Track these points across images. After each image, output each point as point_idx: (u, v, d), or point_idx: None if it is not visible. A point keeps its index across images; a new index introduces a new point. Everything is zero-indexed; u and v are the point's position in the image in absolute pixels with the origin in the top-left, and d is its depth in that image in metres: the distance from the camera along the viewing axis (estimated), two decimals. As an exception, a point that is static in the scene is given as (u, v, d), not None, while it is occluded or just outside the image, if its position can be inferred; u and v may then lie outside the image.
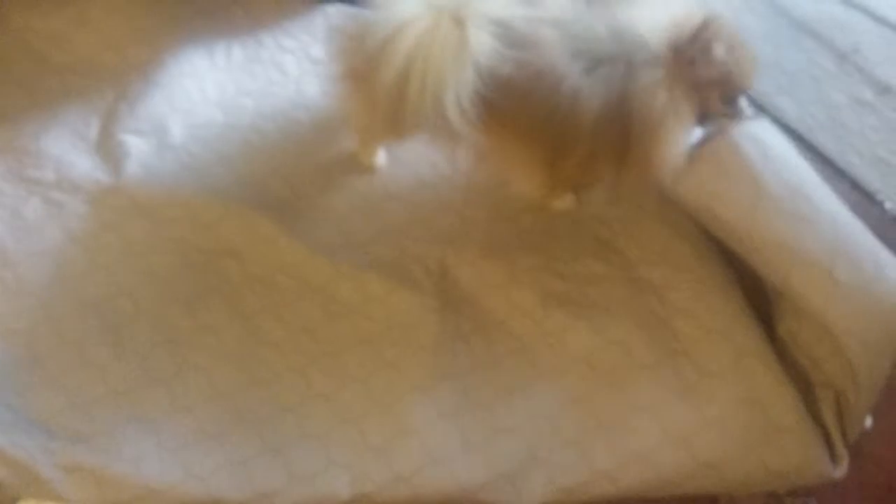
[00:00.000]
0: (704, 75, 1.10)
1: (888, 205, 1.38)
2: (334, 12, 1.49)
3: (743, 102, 1.18)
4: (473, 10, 1.04)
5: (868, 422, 1.19)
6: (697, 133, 1.19)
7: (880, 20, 1.54)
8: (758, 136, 1.18)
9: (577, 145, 1.13)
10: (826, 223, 1.13)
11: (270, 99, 1.42)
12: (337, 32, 1.33)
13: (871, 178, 1.41)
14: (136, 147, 1.36)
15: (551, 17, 1.10)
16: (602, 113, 1.09)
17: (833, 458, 1.15)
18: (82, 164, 1.36)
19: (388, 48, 1.03)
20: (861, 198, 1.39)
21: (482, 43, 1.04)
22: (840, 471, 1.14)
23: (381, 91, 1.06)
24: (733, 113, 1.17)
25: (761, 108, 1.46)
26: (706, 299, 1.23)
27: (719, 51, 1.09)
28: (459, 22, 1.03)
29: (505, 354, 1.23)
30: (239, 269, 1.28)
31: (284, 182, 1.34)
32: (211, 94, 1.42)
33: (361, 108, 1.24)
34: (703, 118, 1.16)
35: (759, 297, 1.26)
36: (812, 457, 1.14)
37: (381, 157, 1.36)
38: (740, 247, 1.19)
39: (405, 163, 1.37)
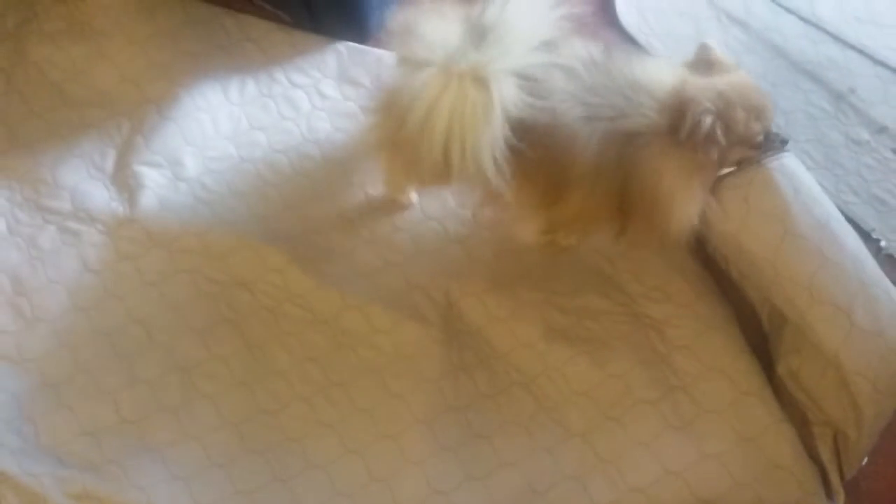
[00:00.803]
0: (726, 148, 1.10)
1: (884, 243, 1.40)
2: (345, 50, 1.52)
3: (773, 136, 1.18)
4: (493, 66, 1.04)
5: (864, 458, 1.21)
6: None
7: (877, 62, 1.57)
8: (790, 169, 1.18)
9: (570, 191, 1.14)
10: (849, 264, 1.14)
11: (282, 134, 1.45)
12: (366, 107, 1.35)
13: (867, 216, 1.43)
14: (151, 179, 1.39)
15: (566, 65, 1.10)
16: (597, 163, 1.10)
17: (829, 495, 1.17)
18: (98, 194, 1.39)
19: (427, 125, 1.04)
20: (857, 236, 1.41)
21: (508, 97, 1.04)
22: (836, 508, 1.17)
23: (426, 161, 1.07)
24: (765, 149, 1.17)
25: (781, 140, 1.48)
26: (705, 337, 1.25)
27: (739, 117, 1.09)
28: (482, 82, 1.03)
29: (507, 387, 1.25)
30: (249, 299, 1.31)
31: (295, 215, 1.37)
32: (224, 129, 1.45)
33: (401, 171, 1.28)
34: (732, 163, 1.17)
35: (756, 335, 1.29)
36: (808, 494, 1.16)
37: (414, 194, 1.38)
38: (761, 280, 1.20)
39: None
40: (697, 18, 1.62)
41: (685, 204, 1.12)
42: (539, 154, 1.10)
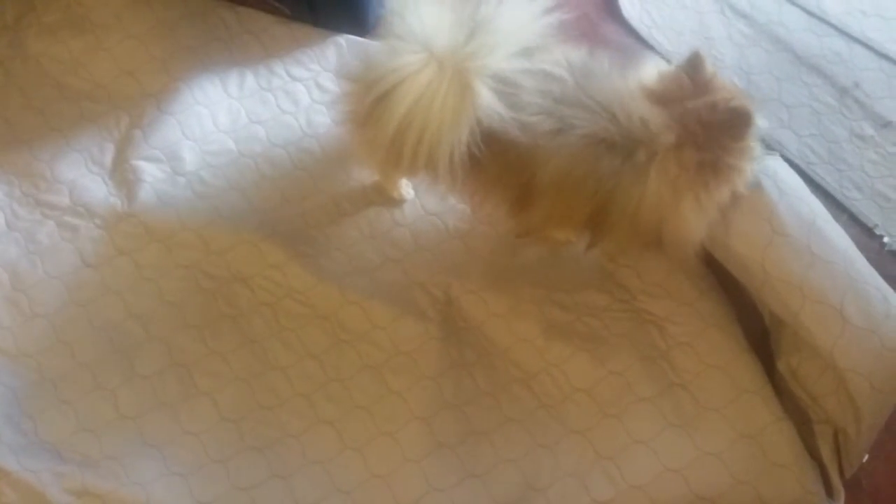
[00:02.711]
0: (711, 118, 1.06)
1: (887, 239, 1.39)
2: (345, 43, 1.51)
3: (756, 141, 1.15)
4: (478, 65, 1.02)
5: (864, 456, 1.21)
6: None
7: (881, 55, 1.56)
8: (773, 170, 1.18)
9: (536, 199, 1.12)
10: (838, 261, 1.14)
11: (282, 128, 1.44)
12: (344, 74, 1.32)
13: (870, 212, 1.43)
14: (150, 174, 1.39)
15: (542, 73, 1.08)
16: (567, 173, 1.08)
17: (829, 492, 1.17)
18: (97, 189, 1.38)
19: (389, 100, 1.03)
20: (860, 232, 1.40)
21: (483, 102, 1.02)
22: (836, 506, 1.16)
23: (380, 139, 1.07)
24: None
25: (762, 142, 1.48)
26: (706, 334, 1.25)
27: (719, 79, 1.07)
28: (463, 78, 1.01)
29: (507, 384, 1.25)
30: (248, 295, 1.31)
31: (294, 210, 1.37)
32: (223, 123, 1.44)
33: (363, 150, 1.26)
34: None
35: (756, 333, 1.29)
36: (808, 492, 1.16)
37: (407, 190, 1.37)
38: (752, 281, 1.20)
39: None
40: (701, 11, 1.61)
41: (696, 222, 1.10)
42: (502, 163, 1.09)
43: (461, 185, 1.13)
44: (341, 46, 1.51)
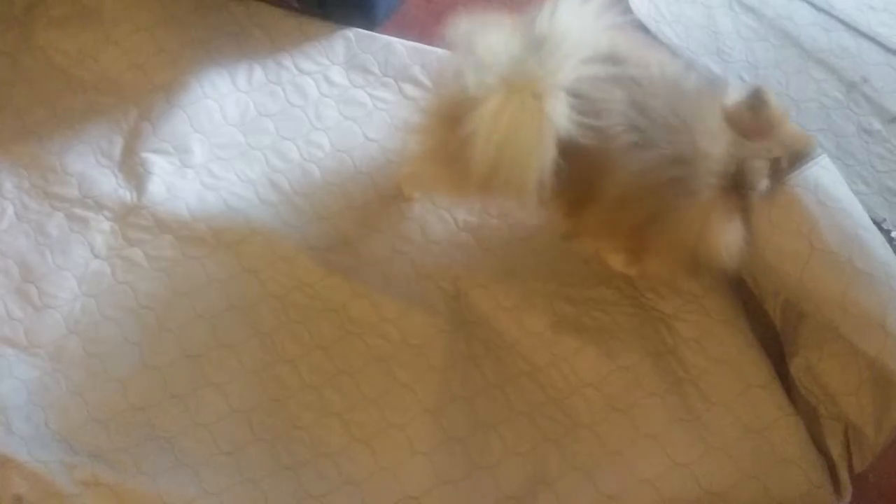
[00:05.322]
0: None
1: (894, 234, 1.39)
2: (353, 36, 1.51)
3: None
4: (550, 84, 0.99)
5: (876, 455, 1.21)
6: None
7: (889, 50, 1.56)
8: (815, 180, 1.13)
9: (593, 205, 1.10)
10: (880, 273, 1.10)
11: (290, 121, 1.44)
12: (419, 107, 1.28)
13: (878, 207, 1.42)
14: (159, 166, 1.39)
15: (624, 81, 1.04)
16: (631, 185, 1.05)
17: (837, 488, 1.17)
18: (106, 181, 1.39)
19: (482, 136, 0.99)
20: (868, 227, 1.40)
21: (560, 116, 0.99)
22: (844, 501, 1.17)
23: (472, 176, 1.03)
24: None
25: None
26: (713, 330, 1.25)
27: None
28: (538, 99, 0.98)
29: (515, 377, 1.25)
30: (258, 287, 1.31)
31: (303, 202, 1.37)
32: (232, 116, 1.44)
33: (447, 182, 1.24)
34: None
35: (764, 328, 1.29)
36: (815, 486, 1.16)
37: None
38: (791, 293, 1.19)
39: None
40: (709, 6, 1.60)
41: (727, 244, 1.08)
42: (576, 171, 1.06)
43: (547, 202, 1.10)
44: (350, 40, 1.51)
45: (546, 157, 1.00)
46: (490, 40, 1.02)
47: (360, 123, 1.43)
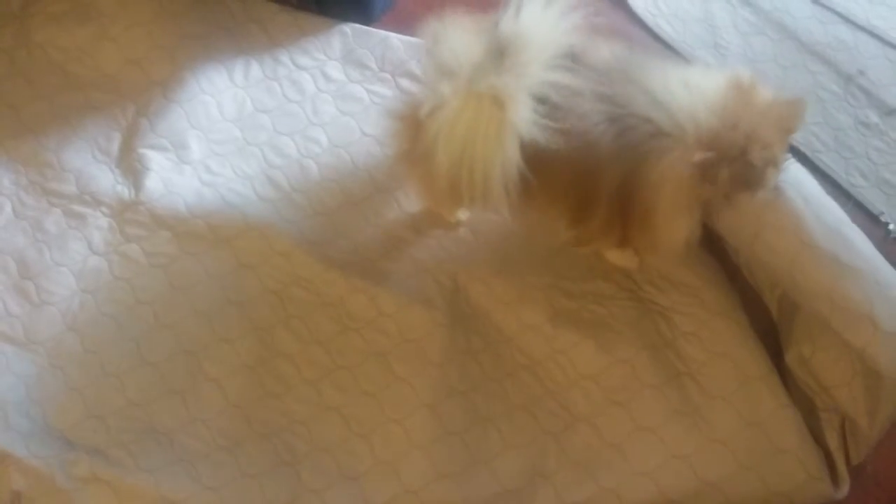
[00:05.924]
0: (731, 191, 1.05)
1: (892, 226, 1.40)
2: (350, 32, 1.51)
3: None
4: (513, 88, 0.99)
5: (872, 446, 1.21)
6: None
7: (887, 43, 1.56)
8: (797, 179, 1.17)
9: (598, 208, 1.10)
10: (865, 268, 1.14)
11: (287, 117, 1.44)
12: (389, 114, 1.26)
13: (875, 199, 1.43)
14: (157, 162, 1.39)
15: (592, 78, 1.04)
16: (623, 178, 1.06)
17: (835, 479, 1.18)
18: (103, 177, 1.39)
19: (437, 139, 1.01)
20: (865, 220, 1.40)
21: (523, 122, 0.99)
22: (841, 492, 1.17)
23: (437, 178, 1.04)
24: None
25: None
26: (711, 323, 1.25)
27: (756, 164, 1.02)
28: (500, 103, 0.98)
29: (513, 371, 1.26)
30: (255, 282, 1.31)
31: (300, 198, 1.37)
32: (229, 111, 1.44)
33: (420, 186, 1.27)
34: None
35: (762, 320, 1.29)
36: (813, 478, 1.16)
37: (463, 213, 1.34)
38: (784, 287, 1.21)
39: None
40: (706, 0, 1.60)
41: (676, 224, 1.08)
42: (569, 179, 1.07)
43: (518, 208, 1.10)
44: (346, 35, 1.51)
45: (508, 162, 1.00)
46: (453, 44, 1.02)
47: (358, 119, 1.44)
